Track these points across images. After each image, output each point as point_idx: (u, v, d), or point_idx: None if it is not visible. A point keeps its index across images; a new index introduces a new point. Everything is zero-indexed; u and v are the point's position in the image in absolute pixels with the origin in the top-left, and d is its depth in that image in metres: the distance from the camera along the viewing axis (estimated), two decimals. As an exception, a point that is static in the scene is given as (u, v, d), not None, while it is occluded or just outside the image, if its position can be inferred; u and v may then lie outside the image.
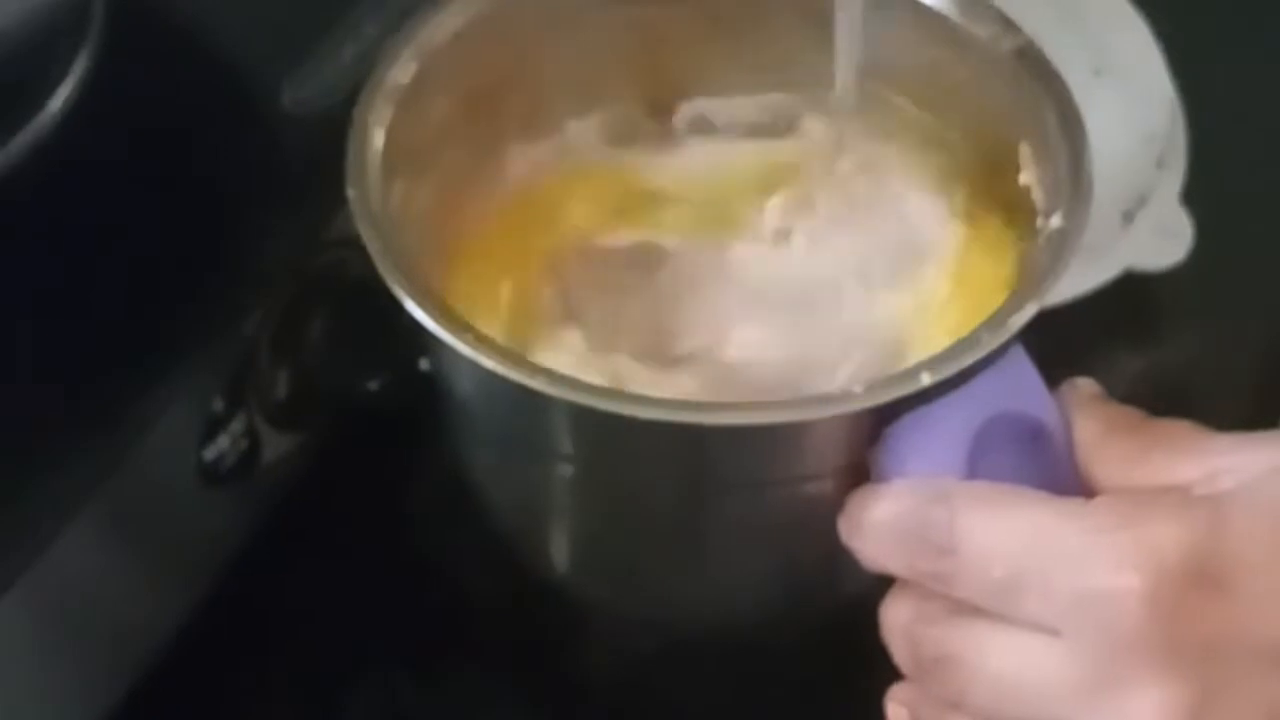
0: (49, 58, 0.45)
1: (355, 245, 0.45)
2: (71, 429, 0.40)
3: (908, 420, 0.36)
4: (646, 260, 0.44)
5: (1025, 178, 0.41)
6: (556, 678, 0.48)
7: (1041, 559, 0.33)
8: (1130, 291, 0.54)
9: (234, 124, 0.46)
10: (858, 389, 0.35)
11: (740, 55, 0.45)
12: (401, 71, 0.41)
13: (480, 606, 0.49)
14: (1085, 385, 0.38)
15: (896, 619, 0.36)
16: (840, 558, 0.37)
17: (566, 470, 0.39)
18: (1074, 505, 0.34)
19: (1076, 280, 0.53)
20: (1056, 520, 0.34)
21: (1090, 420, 0.37)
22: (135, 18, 0.46)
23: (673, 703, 0.47)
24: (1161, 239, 0.55)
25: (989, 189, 0.43)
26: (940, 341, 0.38)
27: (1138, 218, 0.55)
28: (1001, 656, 0.34)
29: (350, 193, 0.38)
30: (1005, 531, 0.34)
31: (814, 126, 0.46)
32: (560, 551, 0.43)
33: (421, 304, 0.36)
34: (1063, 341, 0.38)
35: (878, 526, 0.36)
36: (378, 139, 0.39)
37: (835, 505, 0.37)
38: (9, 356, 0.41)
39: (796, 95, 0.45)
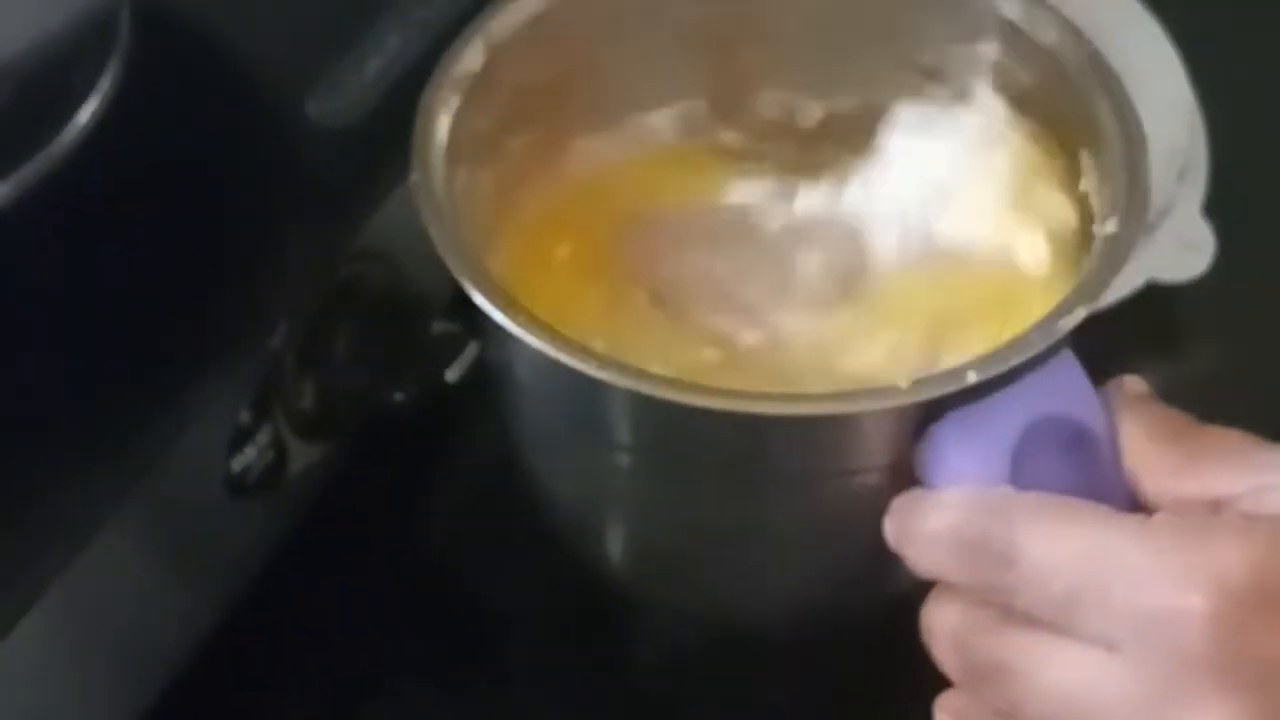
0: (76, 72, 0.46)
1: (382, 257, 0.46)
2: (100, 441, 0.40)
3: (953, 418, 0.36)
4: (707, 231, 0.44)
5: (1085, 185, 0.41)
6: (578, 688, 0.48)
7: (1103, 575, 0.33)
8: (1152, 304, 0.54)
9: (259, 137, 0.47)
10: (902, 384, 0.35)
11: (809, 58, 0.45)
12: (470, 60, 0.41)
13: (502, 617, 0.50)
14: (1133, 384, 0.38)
15: (943, 624, 0.36)
16: (883, 555, 0.37)
17: (623, 459, 0.39)
18: (1135, 522, 0.34)
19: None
20: (1119, 537, 0.34)
21: (1136, 424, 0.37)
22: (161, 34, 0.47)
23: (702, 713, 0.48)
24: (1183, 251, 0.55)
25: (1048, 192, 0.43)
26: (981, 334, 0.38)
27: (1160, 230, 0.55)
28: (1059, 669, 0.34)
29: (414, 178, 0.39)
30: (1066, 546, 0.34)
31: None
32: (615, 543, 0.44)
33: (484, 291, 0.37)
34: (1085, 355, 0.37)
35: (934, 537, 0.36)
36: (443, 126, 0.40)
37: (880, 500, 0.37)
38: (38, 369, 0.41)
39: (861, 100, 0.46)
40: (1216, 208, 0.56)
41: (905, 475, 0.37)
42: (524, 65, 0.42)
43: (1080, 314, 0.36)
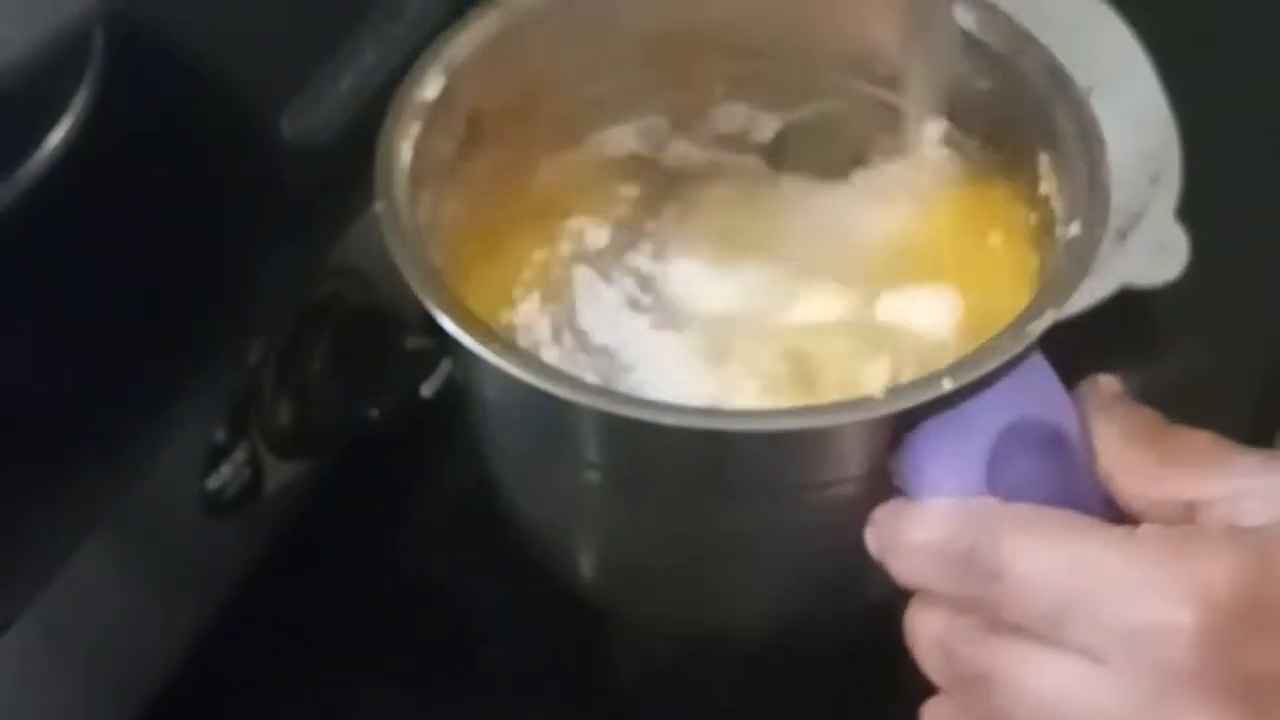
0: (49, 91, 0.45)
1: (355, 274, 0.46)
2: (74, 460, 0.40)
3: (929, 426, 0.36)
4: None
5: (1045, 188, 0.41)
6: (561, 696, 0.48)
7: (1089, 589, 0.33)
8: (1126, 308, 0.54)
9: (234, 155, 0.46)
10: (879, 394, 0.36)
11: (765, 70, 0.45)
12: (429, 87, 0.41)
13: (481, 629, 0.50)
14: (1108, 384, 0.38)
15: (927, 631, 0.36)
16: (862, 564, 0.37)
17: (593, 477, 0.39)
18: (1121, 535, 0.34)
19: (1075, 297, 0.52)
20: (1104, 551, 0.34)
21: (1110, 424, 0.37)
22: (134, 50, 0.46)
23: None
24: (1157, 255, 0.55)
25: (1008, 199, 0.43)
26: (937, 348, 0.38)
27: (1133, 234, 0.55)
28: (1045, 679, 0.34)
29: (379, 206, 0.39)
30: (1052, 560, 0.34)
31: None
32: (587, 559, 0.44)
33: (450, 314, 0.37)
34: (1060, 360, 0.37)
35: (918, 550, 0.36)
36: (405, 153, 0.40)
37: (857, 510, 0.37)
38: (12, 389, 0.41)
39: (817, 112, 0.46)
40: (1190, 211, 0.56)
41: (881, 484, 0.37)
42: (483, 88, 0.42)
43: (1049, 317, 0.36)
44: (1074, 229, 0.39)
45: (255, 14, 0.48)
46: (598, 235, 0.44)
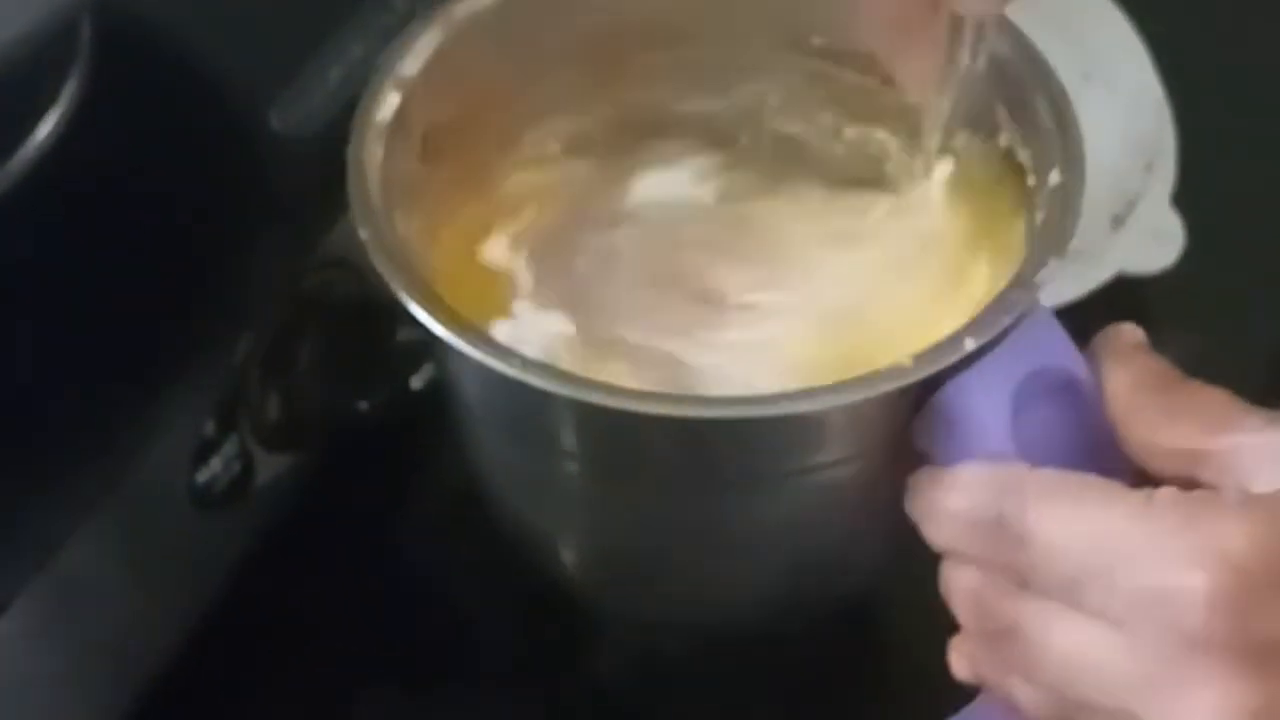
0: (36, 86, 0.45)
1: (344, 265, 0.45)
2: (62, 455, 0.40)
3: (950, 387, 0.36)
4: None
5: (1005, 139, 0.41)
6: (556, 696, 0.48)
7: (1107, 556, 0.34)
8: (1122, 296, 0.54)
9: (221, 148, 0.46)
10: (907, 362, 0.36)
11: (703, 57, 0.45)
12: (385, 107, 0.41)
13: (479, 625, 0.49)
14: (1130, 332, 0.38)
15: (962, 582, 0.37)
16: (859, 542, 0.37)
17: (573, 467, 0.39)
18: (1139, 500, 0.34)
19: (1067, 285, 0.53)
20: (1121, 518, 0.34)
21: (1122, 371, 0.37)
22: (122, 45, 0.46)
23: (672, 715, 0.47)
24: (1152, 242, 0.55)
25: (972, 161, 0.43)
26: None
27: (1128, 221, 0.55)
28: (1067, 638, 0.35)
29: (362, 234, 0.38)
30: (1073, 527, 0.34)
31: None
32: (573, 553, 0.44)
33: (431, 312, 0.37)
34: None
35: (951, 516, 0.36)
36: (374, 177, 0.40)
37: (868, 485, 0.38)
38: (-1, 384, 0.41)
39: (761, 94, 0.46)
40: (1185, 198, 0.56)
41: (901, 453, 0.37)
42: (435, 102, 0.42)
43: (1052, 265, 0.37)
44: (1054, 177, 0.39)
45: (243, 7, 0.48)
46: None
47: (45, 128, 0.45)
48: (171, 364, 0.42)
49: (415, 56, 0.42)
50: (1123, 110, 0.57)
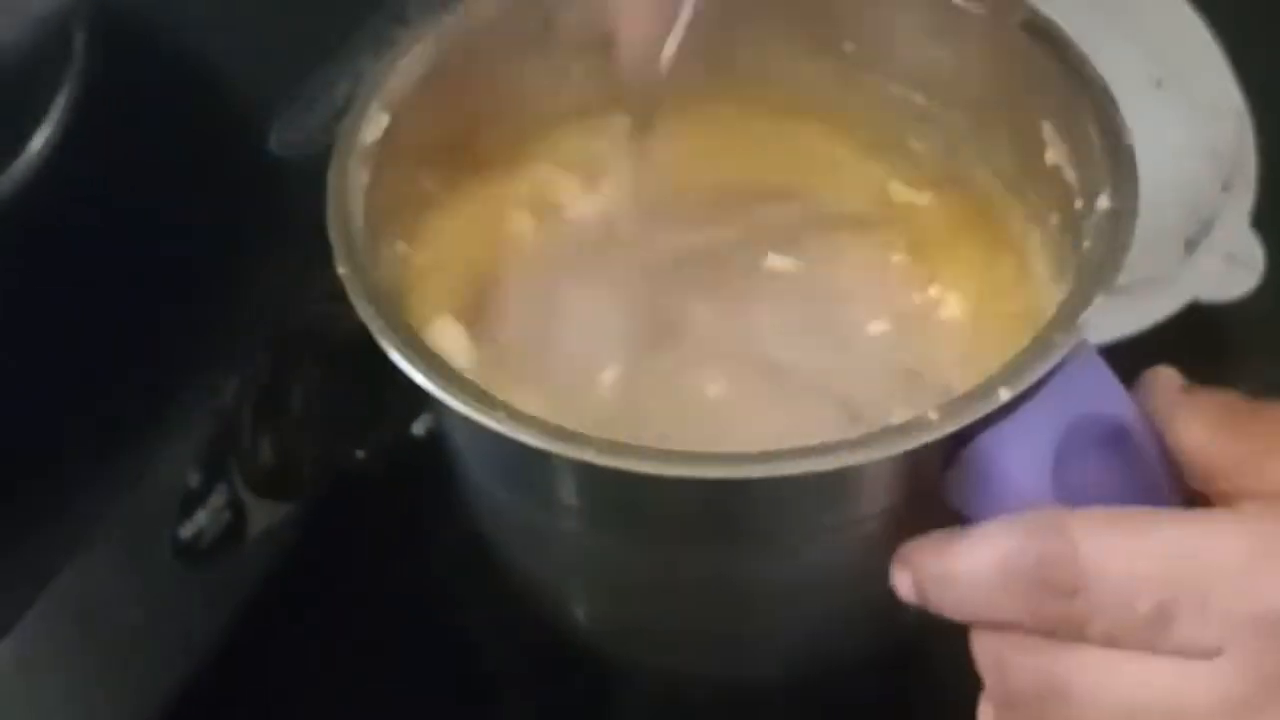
0: (29, 97, 0.44)
1: (343, 300, 0.43)
2: (30, 509, 0.38)
3: (984, 439, 0.34)
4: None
5: (1052, 156, 0.39)
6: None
7: (1196, 580, 0.32)
8: (1196, 325, 0.52)
9: (215, 171, 0.45)
10: (933, 415, 0.33)
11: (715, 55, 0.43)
12: (372, 128, 0.39)
13: (488, 668, 0.48)
14: (1169, 377, 0.36)
15: (989, 649, 0.34)
16: (883, 601, 0.35)
17: (576, 524, 0.38)
18: (1217, 518, 0.33)
19: (1137, 314, 0.52)
20: (1204, 537, 0.32)
21: (1191, 418, 0.35)
22: (117, 56, 0.45)
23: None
24: (1230, 268, 0.53)
25: (1009, 179, 0.41)
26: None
27: (1203, 245, 0.53)
28: (1128, 687, 0.33)
29: (341, 270, 0.37)
30: (1145, 556, 0.32)
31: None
32: (583, 609, 0.42)
33: (428, 372, 0.35)
34: (1124, 382, 0.35)
35: (979, 574, 0.34)
36: (357, 205, 0.38)
37: (888, 543, 0.35)
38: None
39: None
40: (1266, 220, 0.54)
41: (926, 510, 0.35)
42: (425, 122, 0.41)
43: (1098, 303, 0.34)
44: (1103, 202, 0.36)
45: (243, 16, 0.46)
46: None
47: (37, 141, 0.43)
48: (155, 405, 0.41)
49: (403, 77, 0.40)
50: (1198, 122, 0.55)
